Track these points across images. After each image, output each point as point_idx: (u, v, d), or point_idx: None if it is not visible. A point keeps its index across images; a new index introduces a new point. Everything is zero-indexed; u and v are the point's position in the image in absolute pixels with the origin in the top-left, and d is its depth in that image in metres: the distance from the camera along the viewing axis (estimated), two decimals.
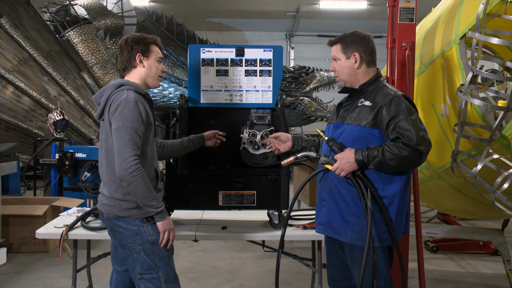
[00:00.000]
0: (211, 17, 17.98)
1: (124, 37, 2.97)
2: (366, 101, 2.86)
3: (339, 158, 2.80)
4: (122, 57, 2.93)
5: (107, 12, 13.14)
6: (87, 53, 11.38)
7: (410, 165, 2.76)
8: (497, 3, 3.30)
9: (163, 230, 2.80)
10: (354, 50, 2.91)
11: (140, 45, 2.90)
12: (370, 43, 2.97)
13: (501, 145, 3.34)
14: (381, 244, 2.84)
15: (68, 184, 7.04)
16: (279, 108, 3.51)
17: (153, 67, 2.93)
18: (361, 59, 2.93)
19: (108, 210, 2.83)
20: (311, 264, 4.05)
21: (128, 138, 2.67)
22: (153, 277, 2.81)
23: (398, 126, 2.71)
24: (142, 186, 2.67)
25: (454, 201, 4.80)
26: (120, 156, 2.66)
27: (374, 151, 2.72)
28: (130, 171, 2.65)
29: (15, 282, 4.98)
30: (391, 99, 2.79)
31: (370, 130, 2.81)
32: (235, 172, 3.54)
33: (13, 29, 9.71)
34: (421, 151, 2.70)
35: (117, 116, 2.71)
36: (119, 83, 2.84)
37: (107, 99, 2.81)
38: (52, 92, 9.98)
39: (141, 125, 2.74)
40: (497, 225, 6.43)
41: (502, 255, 4.91)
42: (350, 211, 2.84)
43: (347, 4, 16.02)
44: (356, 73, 2.94)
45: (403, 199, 2.86)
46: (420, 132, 2.72)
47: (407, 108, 2.75)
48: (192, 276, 5.19)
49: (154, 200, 2.73)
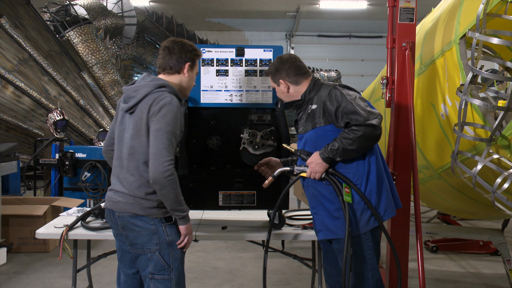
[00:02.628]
0: (211, 17, 18.00)
1: (177, 38, 2.94)
2: (313, 105, 3.05)
3: (309, 163, 2.99)
4: (169, 58, 2.86)
5: (107, 12, 13.15)
6: (87, 53, 11.39)
7: (371, 140, 2.90)
8: (497, 3, 3.30)
9: (185, 233, 2.79)
10: (279, 78, 3.13)
11: (192, 55, 2.88)
12: (291, 63, 3.13)
13: (501, 145, 3.34)
14: (369, 228, 2.96)
15: (68, 184, 7.04)
16: (279, 108, 3.51)
17: (192, 80, 2.95)
18: (287, 83, 3.12)
19: (125, 208, 2.77)
20: (311, 264, 4.05)
21: (168, 142, 2.66)
22: (165, 279, 2.78)
23: (344, 112, 2.90)
24: (175, 190, 2.66)
25: (454, 201, 4.80)
26: (158, 158, 2.63)
27: (334, 144, 2.90)
28: (166, 174, 2.62)
29: (15, 282, 4.98)
30: (329, 92, 2.98)
31: (324, 128, 3.00)
32: (235, 172, 3.54)
33: (13, 29, 9.72)
34: (373, 124, 2.85)
35: (160, 118, 2.67)
36: (160, 83, 2.78)
37: (145, 96, 2.74)
38: (52, 92, 9.99)
39: (178, 131, 2.74)
40: (497, 225, 6.43)
41: (502, 255, 4.91)
42: (336, 207, 2.98)
43: (347, 4, 16.04)
44: (291, 94, 3.15)
45: (377, 176, 2.98)
46: (366, 108, 2.89)
47: (345, 94, 2.94)
48: (192, 276, 5.19)
49: (183, 205, 2.74)
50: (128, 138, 2.78)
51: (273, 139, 3.50)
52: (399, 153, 3.78)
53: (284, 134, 3.50)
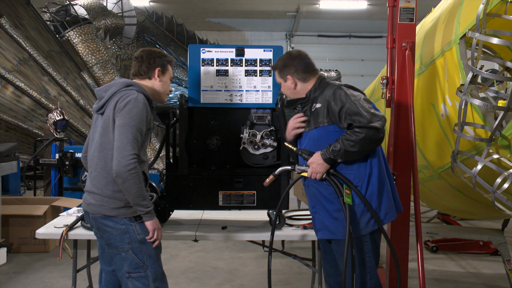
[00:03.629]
0: (211, 17, 18.00)
1: (145, 48, 3.08)
2: (317, 104, 3.02)
3: (310, 163, 2.96)
4: (140, 66, 2.99)
5: (107, 12, 13.14)
6: (87, 53, 11.39)
7: (373, 143, 2.87)
8: (497, 3, 3.30)
9: (152, 229, 2.83)
10: (287, 73, 3.09)
11: (161, 61, 3.00)
12: (300, 60, 3.10)
13: (501, 145, 3.34)
14: (368, 230, 2.94)
15: (68, 184, 7.04)
16: (279, 108, 3.51)
17: (166, 84, 3.05)
18: (295, 79, 3.09)
19: (96, 210, 2.85)
20: (311, 264, 4.05)
21: (132, 136, 2.71)
22: (141, 276, 2.83)
23: (347, 113, 2.87)
24: (137, 184, 2.70)
25: (454, 201, 4.80)
26: (121, 152, 2.69)
27: (336, 145, 2.87)
28: (128, 168, 2.67)
29: (15, 282, 4.97)
30: (333, 91, 2.95)
31: (327, 128, 2.97)
32: (235, 172, 3.54)
33: (13, 29, 9.71)
34: (376, 127, 2.81)
35: (124, 113, 2.75)
36: (128, 82, 2.90)
37: (113, 95, 2.83)
38: (52, 92, 9.98)
39: (144, 127, 2.79)
40: (497, 225, 6.43)
41: (502, 255, 4.90)
42: (336, 208, 2.96)
43: (347, 4, 16.03)
44: (297, 91, 3.11)
45: (378, 179, 2.95)
46: (370, 110, 2.85)
47: (349, 94, 2.91)
48: (192, 276, 5.19)
49: (145, 200, 2.77)
50: (97, 137, 2.86)
51: (273, 139, 3.50)
52: (399, 153, 3.78)
53: (284, 134, 3.49)
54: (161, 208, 3.56)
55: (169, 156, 3.59)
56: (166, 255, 5.79)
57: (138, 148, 2.75)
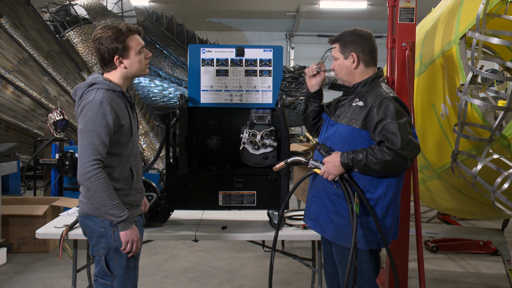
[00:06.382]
0: (211, 17, 17.98)
1: (96, 34, 2.68)
2: (360, 101, 2.85)
3: (326, 162, 2.80)
4: (101, 60, 2.71)
5: (107, 12, 13.13)
6: (87, 53, 11.37)
7: (395, 169, 2.72)
8: (497, 3, 3.30)
9: (125, 241, 2.64)
10: (351, 50, 2.90)
11: (115, 44, 2.65)
12: (370, 42, 2.94)
13: (501, 145, 3.34)
14: (367, 247, 2.84)
15: (68, 184, 7.04)
16: (279, 108, 3.51)
17: (135, 63, 2.71)
18: (359, 59, 2.91)
19: (81, 208, 2.73)
20: (311, 264, 4.05)
21: (88, 142, 2.55)
22: (107, 284, 2.70)
23: (384, 129, 2.68)
24: (100, 193, 2.53)
25: (454, 201, 4.80)
26: (80, 160, 2.56)
27: (359, 154, 2.70)
28: (87, 176, 2.52)
29: (15, 282, 4.97)
30: (381, 100, 2.75)
31: (359, 132, 2.81)
32: (235, 172, 3.54)
33: (13, 29, 9.71)
34: (405, 156, 2.65)
35: (81, 118, 2.61)
36: (91, 81, 2.69)
37: (80, 97, 2.68)
38: (52, 92, 9.98)
39: (105, 128, 2.58)
40: (497, 225, 6.43)
41: (502, 255, 4.90)
42: (335, 210, 2.87)
43: (347, 4, 16.02)
44: (354, 73, 2.92)
45: (392, 204, 2.82)
46: (408, 136, 2.67)
47: (396, 111, 2.71)
48: (192, 276, 5.19)
49: (114, 209, 2.56)
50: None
51: (273, 139, 3.50)
52: None
53: (284, 134, 3.49)
54: (161, 208, 3.57)
55: (169, 156, 3.59)
56: (166, 255, 5.80)
57: (100, 152, 2.55)
